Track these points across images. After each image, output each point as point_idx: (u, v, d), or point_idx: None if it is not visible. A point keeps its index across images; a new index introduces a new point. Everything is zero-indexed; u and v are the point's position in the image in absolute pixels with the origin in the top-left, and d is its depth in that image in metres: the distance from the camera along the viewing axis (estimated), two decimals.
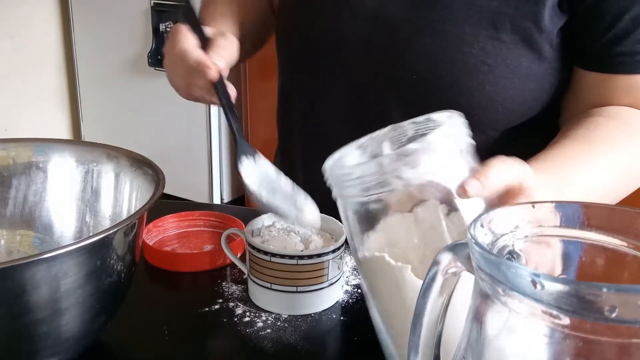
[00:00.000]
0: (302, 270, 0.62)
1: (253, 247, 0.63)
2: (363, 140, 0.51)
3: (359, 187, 0.45)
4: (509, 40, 0.67)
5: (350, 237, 0.50)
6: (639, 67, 0.67)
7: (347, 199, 0.48)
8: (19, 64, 2.39)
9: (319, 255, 0.61)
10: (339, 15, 0.74)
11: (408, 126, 0.51)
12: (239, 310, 0.63)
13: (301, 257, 0.61)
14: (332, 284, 0.63)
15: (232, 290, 0.67)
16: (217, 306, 0.64)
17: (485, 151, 0.49)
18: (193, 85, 0.65)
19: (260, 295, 0.64)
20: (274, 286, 0.62)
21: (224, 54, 0.64)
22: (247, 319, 0.62)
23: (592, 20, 0.67)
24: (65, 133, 2.67)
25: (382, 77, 0.73)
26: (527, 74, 0.69)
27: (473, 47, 0.68)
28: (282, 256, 0.61)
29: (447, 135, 0.45)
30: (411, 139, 0.50)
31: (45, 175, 0.66)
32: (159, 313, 0.65)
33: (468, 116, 0.52)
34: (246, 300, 0.65)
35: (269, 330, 0.60)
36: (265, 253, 0.62)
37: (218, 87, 0.62)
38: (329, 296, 0.64)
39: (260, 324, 0.61)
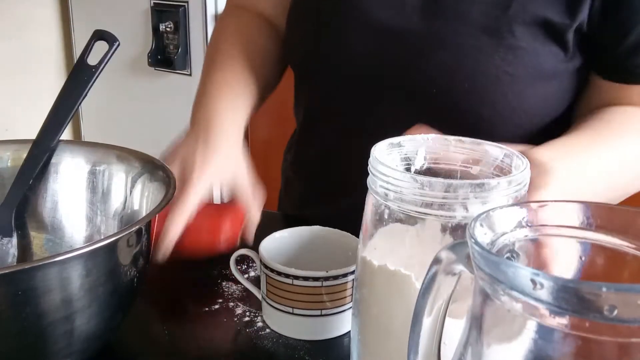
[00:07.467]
0: (327, 293, 0.57)
1: (272, 270, 0.58)
2: (403, 139, 0.50)
3: (409, 198, 0.42)
4: (528, 45, 0.66)
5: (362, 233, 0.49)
6: None
7: (379, 196, 0.45)
8: (19, 64, 2.39)
9: (344, 275, 0.57)
10: (346, 26, 0.72)
11: (452, 141, 0.49)
12: (239, 310, 0.63)
13: (326, 279, 0.57)
14: None
15: (232, 290, 0.67)
16: (217, 306, 0.64)
17: None
18: None
19: (280, 321, 0.60)
20: (296, 310, 0.58)
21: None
22: (247, 319, 0.62)
23: (606, 30, 0.67)
24: (65, 133, 2.66)
25: (397, 91, 0.71)
26: (550, 74, 0.68)
27: (493, 57, 0.66)
28: (306, 278, 0.57)
29: (512, 182, 0.43)
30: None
31: (56, 176, 0.66)
32: (159, 313, 0.65)
33: (490, 125, 0.49)
34: (246, 300, 0.65)
35: (268, 331, 0.60)
36: (287, 276, 0.57)
37: None
38: None
39: (260, 324, 0.61)
